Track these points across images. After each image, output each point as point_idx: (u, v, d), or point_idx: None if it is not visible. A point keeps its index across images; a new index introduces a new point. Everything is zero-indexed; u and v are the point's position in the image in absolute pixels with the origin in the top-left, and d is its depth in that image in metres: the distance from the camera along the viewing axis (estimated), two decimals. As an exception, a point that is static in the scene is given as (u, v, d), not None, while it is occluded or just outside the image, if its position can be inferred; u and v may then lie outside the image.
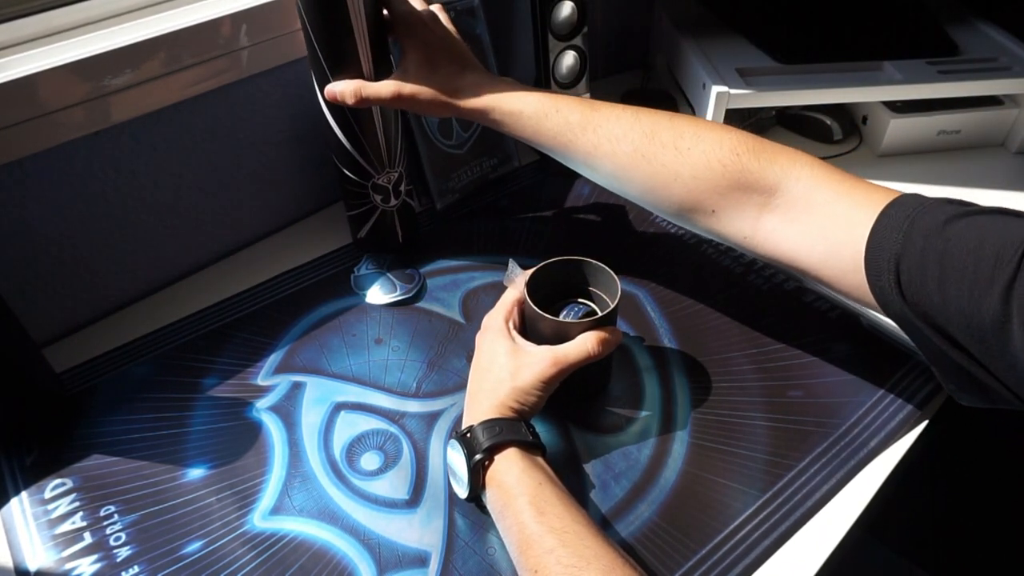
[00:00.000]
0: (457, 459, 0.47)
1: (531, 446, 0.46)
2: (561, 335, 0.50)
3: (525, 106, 0.54)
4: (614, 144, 0.52)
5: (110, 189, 0.60)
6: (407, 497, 0.50)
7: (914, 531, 0.88)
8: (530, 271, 0.53)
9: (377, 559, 0.46)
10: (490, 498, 0.45)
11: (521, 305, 0.53)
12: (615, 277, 0.52)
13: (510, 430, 0.46)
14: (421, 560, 0.46)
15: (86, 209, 0.59)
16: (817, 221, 0.46)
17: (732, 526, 0.47)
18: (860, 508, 0.49)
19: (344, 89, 0.55)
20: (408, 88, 0.54)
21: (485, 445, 0.45)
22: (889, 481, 0.50)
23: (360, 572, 0.46)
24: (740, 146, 0.49)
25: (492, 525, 0.47)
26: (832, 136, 0.82)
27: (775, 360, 0.58)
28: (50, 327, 0.61)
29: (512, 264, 0.54)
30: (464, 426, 0.48)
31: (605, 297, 0.54)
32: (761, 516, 0.48)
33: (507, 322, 0.52)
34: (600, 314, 0.52)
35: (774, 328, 0.60)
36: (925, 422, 0.53)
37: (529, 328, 0.53)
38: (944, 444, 0.58)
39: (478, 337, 0.53)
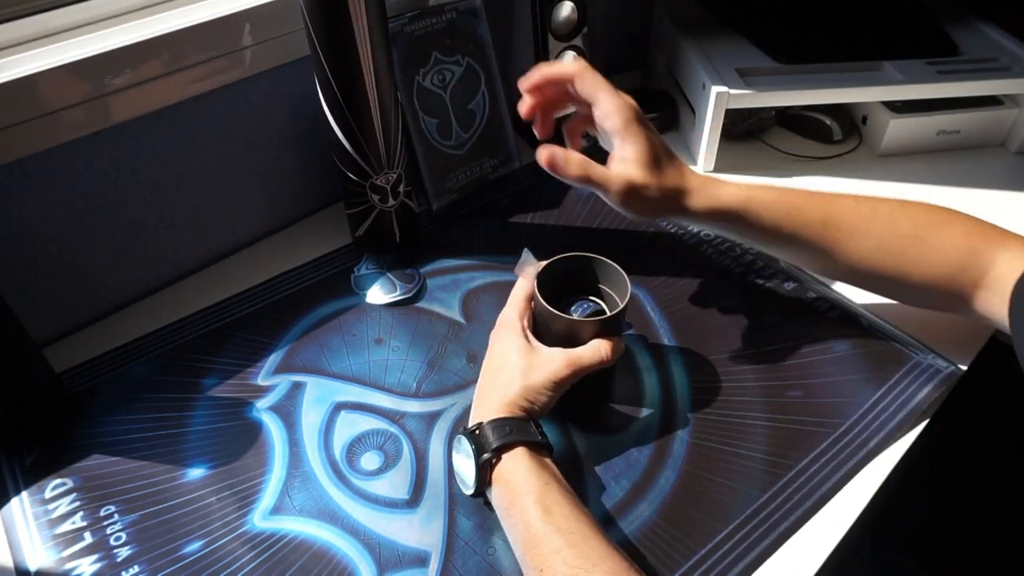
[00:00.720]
0: (463, 455, 0.47)
1: (539, 446, 0.46)
2: (570, 333, 0.51)
3: (760, 207, 0.52)
4: (858, 240, 0.52)
5: (110, 189, 0.60)
6: (407, 497, 0.50)
7: (914, 531, 0.88)
8: (542, 264, 0.53)
9: (377, 559, 0.46)
10: (496, 495, 0.45)
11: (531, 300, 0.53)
12: (625, 275, 0.52)
13: (519, 430, 0.46)
14: (421, 560, 0.46)
15: (86, 209, 0.59)
16: None
17: (732, 526, 0.47)
18: (860, 508, 0.49)
19: (568, 159, 0.50)
20: (639, 183, 0.50)
21: (494, 444, 0.45)
22: (889, 481, 0.50)
23: (360, 572, 0.46)
24: (969, 227, 0.52)
25: (493, 525, 0.47)
26: (832, 136, 0.82)
27: (775, 360, 0.58)
28: (50, 327, 0.61)
29: (526, 253, 0.54)
30: (472, 423, 0.48)
31: (614, 295, 0.54)
32: (761, 516, 0.48)
33: (522, 319, 0.52)
34: (609, 313, 0.52)
35: (774, 328, 0.60)
36: (925, 422, 0.53)
37: (539, 323, 0.53)
38: (944, 444, 0.58)
39: (493, 334, 0.53)
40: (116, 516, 0.49)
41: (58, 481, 0.51)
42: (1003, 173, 0.77)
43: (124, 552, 0.47)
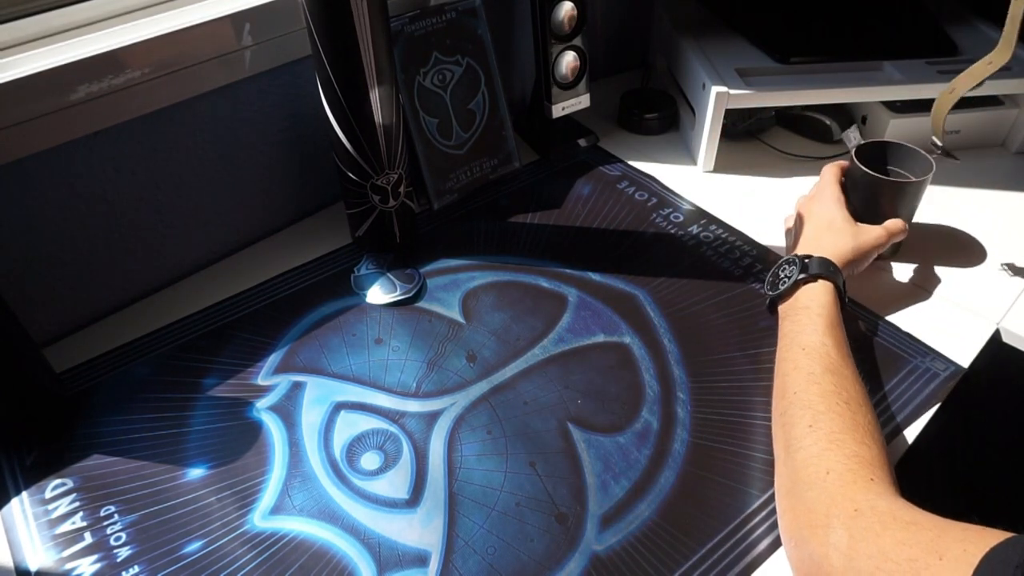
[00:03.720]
0: (787, 271, 0.57)
1: (844, 296, 0.55)
2: (880, 194, 0.62)
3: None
4: None
5: (110, 189, 0.60)
6: (407, 497, 0.50)
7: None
8: (860, 141, 0.65)
9: (377, 559, 0.46)
10: (788, 304, 0.55)
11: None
12: (929, 158, 0.63)
13: (836, 275, 0.55)
14: (421, 560, 0.46)
15: (86, 209, 0.59)
16: None
17: (732, 526, 0.47)
18: (860, 508, 0.48)
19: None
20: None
21: (812, 271, 0.55)
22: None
23: (360, 572, 0.46)
24: None
25: (492, 525, 0.47)
26: (832, 136, 0.82)
27: (775, 360, 0.58)
28: (50, 327, 0.61)
29: (854, 128, 0.74)
30: (802, 253, 0.57)
31: (907, 175, 0.65)
32: (761, 516, 0.48)
33: (841, 193, 0.63)
34: (914, 179, 0.62)
35: (774, 328, 0.60)
36: (925, 422, 0.53)
37: (851, 189, 0.64)
38: (944, 444, 0.58)
39: (810, 200, 0.64)
40: (116, 516, 0.49)
41: (58, 481, 0.51)
42: (1003, 173, 0.77)
43: (124, 552, 0.47)
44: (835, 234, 0.59)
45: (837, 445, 0.43)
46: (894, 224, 0.61)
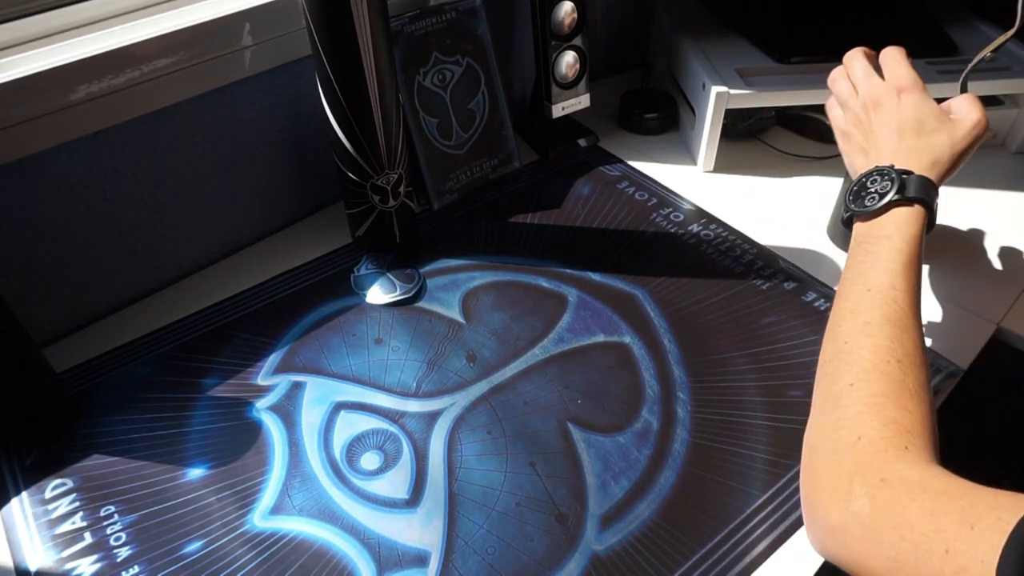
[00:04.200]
0: (882, 184, 0.50)
1: (930, 227, 0.50)
2: None
3: None
4: None
5: (110, 189, 0.60)
6: (407, 497, 0.50)
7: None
8: None
9: (377, 559, 0.46)
10: (873, 226, 0.49)
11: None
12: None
13: (933, 201, 0.49)
14: (421, 560, 0.46)
15: (86, 209, 0.59)
16: None
17: (732, 526, 0.47)
18: (860, 508, 0.49)
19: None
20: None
21: (911, 194, 0.48)
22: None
23: (360, 572, 0.46)
24: None
25: (492, 525, 0.47)
26: (832, 136, 0.81)
27: (775, 360, 0.58)
28: (50, 327, 0.61)
29: None
30: (898, 164, 0.50)
31: None
32: (761, 516, 0.48)
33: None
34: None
35: (774, 328, 0.60)
36: (925, 422, 0.53)
37: None
38: (943, 443, 0.58)
39: (887, 92, 0.54)
40: (116, 516, 0.49)
41: (58, 481, 0.51)
42: (1003, 173, 0.77)
43: (124, 552, 0.47)
44: (929, 138, 0.51)
45: (876, 409, 0.40)
46: (975, 104, 0.53)
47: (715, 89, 0.72)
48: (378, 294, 0.65)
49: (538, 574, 0.45)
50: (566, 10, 0.73)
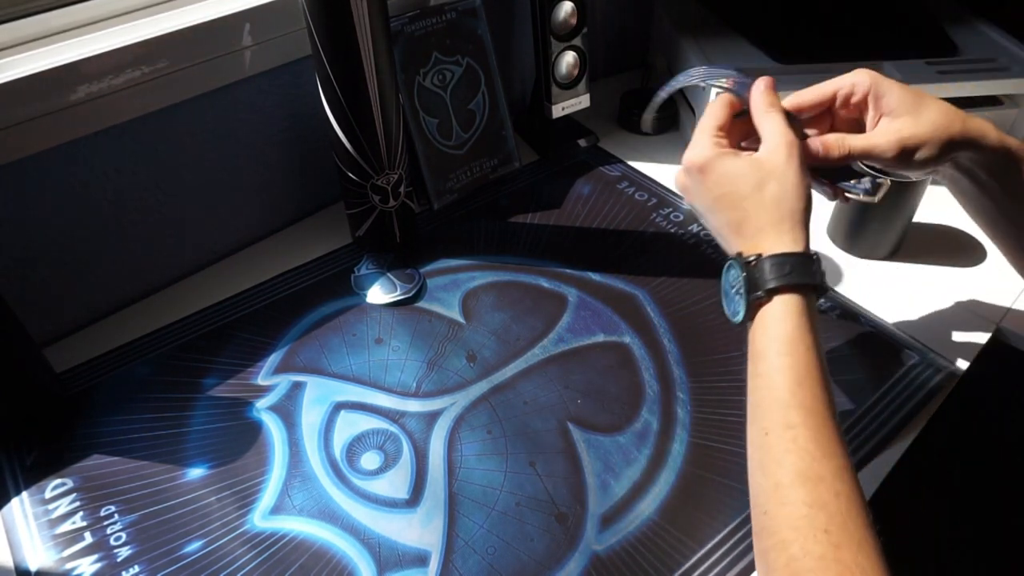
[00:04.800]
0: (736, 285, 0.43)
1: (816, 288, 0.42)
2: (889, 194, 0.53)
3: (1010, 140, 0.46)
4: None
5: (110, 189, 0.60)
6: (407, 497, 0.50)
7: (913, 530, 0.88)
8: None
9: (377, 558, 0.46)
10: (754, 336, 0.42)
11: (735, 111, 0.48)
12: None
13: (800, 270, 0.41)
14: (421, 559, 0.46)
15: (87, 209, 0.59)
16: None
17: (732, 526, 0.47)
18: (860, 508, 0.48)
19: (825, 144, 0.46)
20: (909, 132, 0.45)
21: (770, 285, 0.41)
22: (889, 480, 0.50)
23: (360, 571, 0.46)
24: None
25: (492, 524, 0.47)
26: (832, 136, 0.82)
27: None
28: (50, 327, 0.61)
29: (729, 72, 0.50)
30: (746, 250, 0.43)
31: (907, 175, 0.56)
32: (761, 516, 0.48)
33: (716, 142, 0.46)
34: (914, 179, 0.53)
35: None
36: (925, 421, 0.53)
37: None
38: (944, 444, 0.58)
39: (687, 176, 0.46)
40: (116, 516, 0.49)
41: (58, 481, 0.51)
42: (1003, 173, 0.77)
43: (124, 552, 0.47)
44: (755, 199, 0.43)
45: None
46: (769, 117, 0.46)
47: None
48: (378, 294, 0.65)
49: (538, 574, 0.45)
50: (566, 10, 0.73)
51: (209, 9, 0.59)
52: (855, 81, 0.47)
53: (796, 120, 0.48)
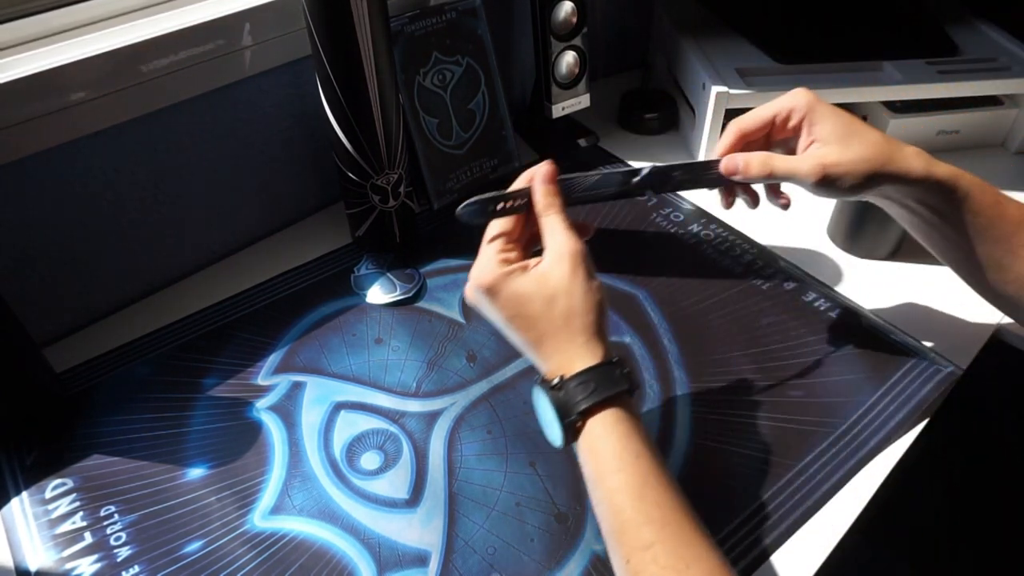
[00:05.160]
0: (546, 410, 0.41)
1: (627, 394, 0.41)
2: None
3: (974, 186, 0.47)
4: None
5: (110, 189, 0.60)
6: (407, 497, 0.50)
7: (914, 530, 0.88)
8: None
9: (377, 558, 0.46)
10: (583, 463, 0.41)
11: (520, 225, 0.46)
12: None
13: (605, 382, 0.40)
14: (421, 559, 0.46)
15: (87, 209, 0.59)
16: None
17: (732, 526, 0.47)
18: (860, 507, 0.49)
19: (748, 160, 0.48)
20: (833, 159, 0.46)
21: (581, 407, 0.39)
22: (889, 481, 0.50)
23: (360, 572, 0.46)
24: None
25: (492, 525, 0.47)
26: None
27: (775, 360, 0.58)
28: (50, 327, 0.61)
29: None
30: (549, 371, 0.42)
31: None
32: (761, 516, 0.48)
33: (502, 259, 0.44)
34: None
35: (774, 328, 0.60)
36: (925, 421, 0.53)
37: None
38: (943, 444, 0.58)
39: (475, 295, 0.45)
40: (116, 516, 0.49)
41: (58, 481, 0.51)
42: (1003, 173, 0.77)
43: (124, 552, 0.47)
44: (546, 315, 0.42)
45: None
46: (556, 228, 0.44)
47: (715, 89, 0.72)
48: (378, 294, 0.65)
49: (538, 574, 0.45)
50: (566, 10, 0.73)
51: (209, 9, 0.59)
52: (793, 105, 0.48)
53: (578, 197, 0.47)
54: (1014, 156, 0.79)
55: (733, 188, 0.53)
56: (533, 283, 0.43)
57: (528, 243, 0.47)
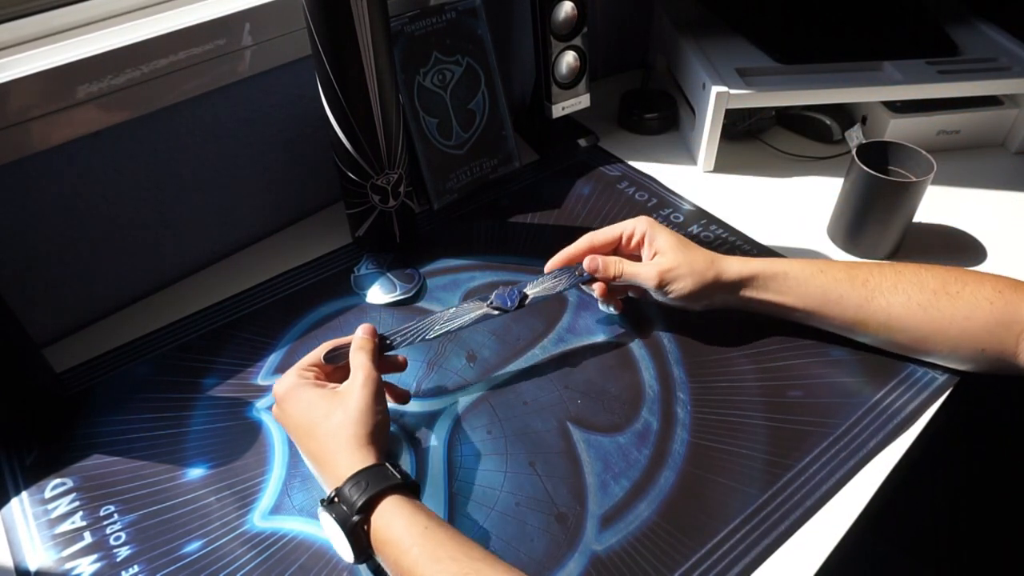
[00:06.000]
0: (333, 527, 0.43)
1: (403, 487, 0.43)
2: (889, 195, 0.63)
3: (790, 268, 0.56)
4: (888, 296, 0.54)
5: (110, 189, 0.60)
6: (407, 497, 0.50)
7: (913, 531, 0.88)
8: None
9: (377, 559, 0.46)
10: (382, 560, 0.43)
11: (331, 350, 0.51)
12: (930, 158, 0.63)
13: (377, 478, 0.43)
14: (421, 560, 0.46)
15: (86, 209, 0.59)
16: None
17: (732, 526, 0.47)
18: (860, 508, 0.49)
19: (606, 263, 0.57)
20: (668, 266, 0.55)
21: (358, 504, 0.41)
22: (888, 481, 0.50)
23: (360, 572, 0.46)
24: (1000, 283, 0.52)
25: (492, 525, 0.47)
26: (832, 136, 0.82)
27: (775, 360, 0.58)
28: (50, 327, 0.61)
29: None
30: (328, 490, 0.44)
31: (908, 175, 0.65)
32: (761, 516, 0.48)
33: (300, 374, 0.49)
34: (914, 179, 0.61)
35: (774, 328, 0.60)
36: (924, 422, 0.53)
37: (851, 189, 0.64)
38: (943, 444, 0.58)
39: (277, 407, 0.49)
40: (116, 516, 0.49)
41: (58, 481, 0.51)
42: (1003, 173, 0.77)
43: (124, 552, 0.47)
44: (326, 428, 0.45)
45: None
46: (356, 358, 0.49)
47: (715, 89, 0.72)
48: (378, 294, 0.65)
49: (538, 574, 0.45)
50: (566, 10, 0.73)
51: (209, 9, 0.59)
52: (635, 227, 0.58)
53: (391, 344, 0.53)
54: (1014, 156, 0.79)
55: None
56: (320, 396, 0.47)
57: (341, 379, 0.50)
